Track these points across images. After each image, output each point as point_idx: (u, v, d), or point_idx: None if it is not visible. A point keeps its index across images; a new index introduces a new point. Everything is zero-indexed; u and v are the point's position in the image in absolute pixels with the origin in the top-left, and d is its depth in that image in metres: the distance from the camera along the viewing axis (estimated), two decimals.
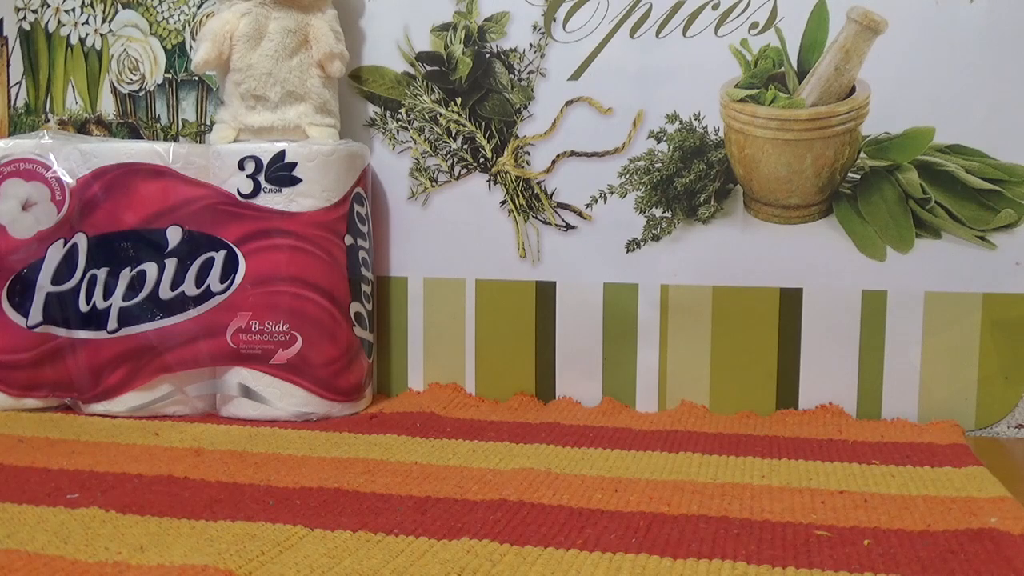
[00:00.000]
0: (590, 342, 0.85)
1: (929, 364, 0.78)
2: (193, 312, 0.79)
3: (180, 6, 0.95)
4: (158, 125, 0.97)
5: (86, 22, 0.98)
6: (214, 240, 0.79)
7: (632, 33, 0.82)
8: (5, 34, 1.01)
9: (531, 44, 0.84)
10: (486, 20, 0.85)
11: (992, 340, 0.78)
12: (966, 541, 0.49)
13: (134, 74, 0.97)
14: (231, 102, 0.82)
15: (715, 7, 0.80)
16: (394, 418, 0.80)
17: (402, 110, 0.88)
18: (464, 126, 0.86)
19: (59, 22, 0.99)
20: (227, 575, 0.45)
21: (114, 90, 0.98)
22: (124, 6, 0.97)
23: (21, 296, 0.83)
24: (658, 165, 0.82)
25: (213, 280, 0.79)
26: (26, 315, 0.82)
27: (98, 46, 0.98)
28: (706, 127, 0.81)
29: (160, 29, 0.96)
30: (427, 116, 0.87)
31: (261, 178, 0.79)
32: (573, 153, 0.84)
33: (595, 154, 0.84)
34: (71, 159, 0.82)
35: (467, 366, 0.88)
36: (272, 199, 0.79)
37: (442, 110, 0.87)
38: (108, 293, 0.80)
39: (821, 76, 0.79)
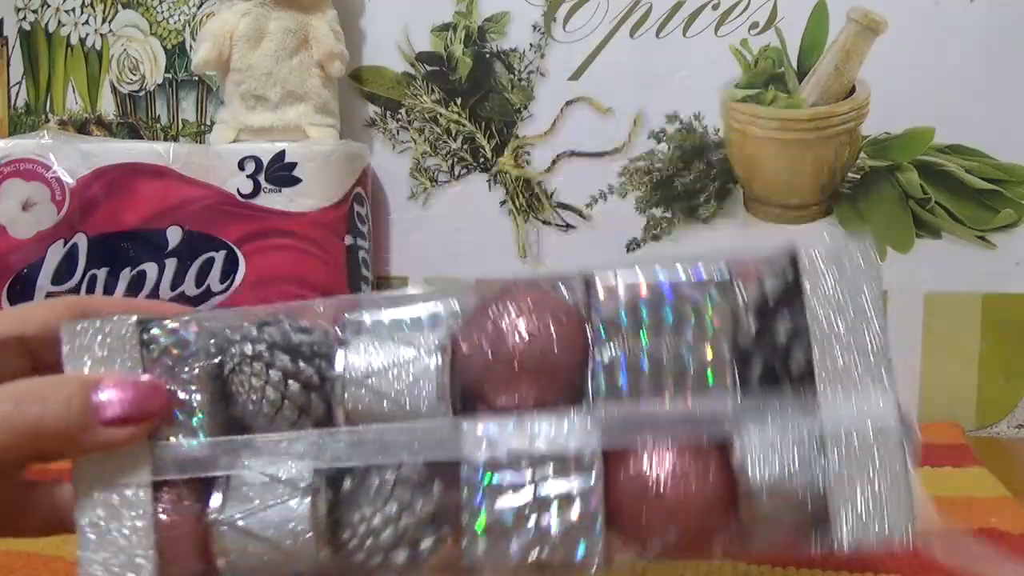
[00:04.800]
0: None
1: (929, 364, 0.78)
2: None
3: (180, 6, 0.95)
4: (158, 125, 0.97)
5: (86, 22, 0.98)
6: (214, 240, 0.79)
7: (632, 33, 0.82)
8: (5, 34, 1.01)
9: (531, 44, 0.84)
10: (486, 20, 0.85)
11: (992, 340, 0.78)
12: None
13: (134, 74, 0.97)
14: (231, 102, 0.82)
15: (715, 7, 0.80)
16: None
17: (402, 110, 0.88)
18: (464, 126, 0.86)
19: (59, 22, 0.99)
20: None
21: (114, 90, 0.98)
22: (124, 6, 0.97)
23: (21, 296, 0.83)
24: (658, 165, 0.82)
25: (213, 280, 0.79)
26: None
27: (98, 46, 0.98)
28: (706, 127, 0.81)
29: (160, 29, 0.96)
30: (427, 116, 0.87)
31: (261, 178, 0.79)
32: (573, 153, 0.84)
33: (595, 154, 0.84)
34: (71, 159, 0.82)
35: None
36: (272, 199, 0.79)
37: (442, 110, 0.87)
38: (108, 293, 0.80)
39: (821, 76, 0.79)
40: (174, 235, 0.80)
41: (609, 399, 0.33)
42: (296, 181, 0.79)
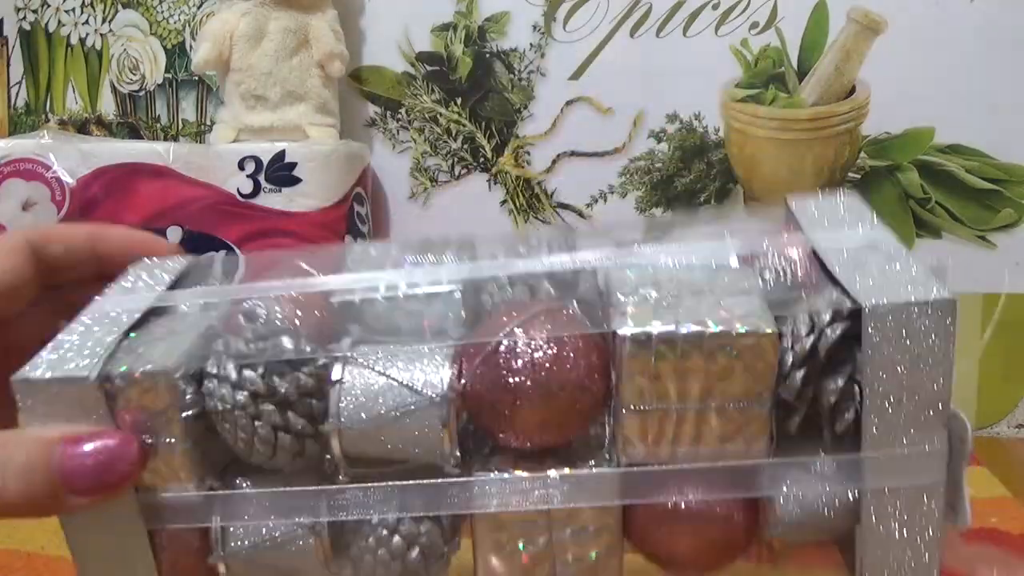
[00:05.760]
0: None
1: None
2: None
3: (180, 6, 0.95)
4: (158, 125, 0.97)
5: (86, 22, 0.98)
6: (214, 240, 0.79)
7: (632, 33, 0.82)
8: (5, 34, 1.01)
9: (531, 44, 0.84)
10: (486, 20, 0.85)
11: (992, 340, 0.78)
12: (966, 541, 0.49)
13: (134, 74, 0.97)
14: (231, 102, 0.82)
15: (715, 7, 0.80)
16: None
17: (402, 110, 0.88)
18: (464, 126, 0.86)
19: (59, 22, 0.99)
20: None
21: (114, 90, 0.98)
22: (124, 6, 0.97)
23: None
24: (658, 165, 0.82)
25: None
26: None
27: (98, 46, 0.98)
28: (706, 127, 0.81)
29: (160, 29, 0.96)
30: (427, 116, 0.87)
31: (261, 178, 0.79)
32: (573, 153, 0.84)
33: (595, 154, 0.84)
34: (71, 159, 0.82)
35: None
36: (272, 199, 0.79)
37: (442, 110, 0.87)
38: None
39: (821, 76, 0.79)
40: (174, 235, 0.80)
41: (632, 449, 0.31)
42: (296, 181, 0.79)
